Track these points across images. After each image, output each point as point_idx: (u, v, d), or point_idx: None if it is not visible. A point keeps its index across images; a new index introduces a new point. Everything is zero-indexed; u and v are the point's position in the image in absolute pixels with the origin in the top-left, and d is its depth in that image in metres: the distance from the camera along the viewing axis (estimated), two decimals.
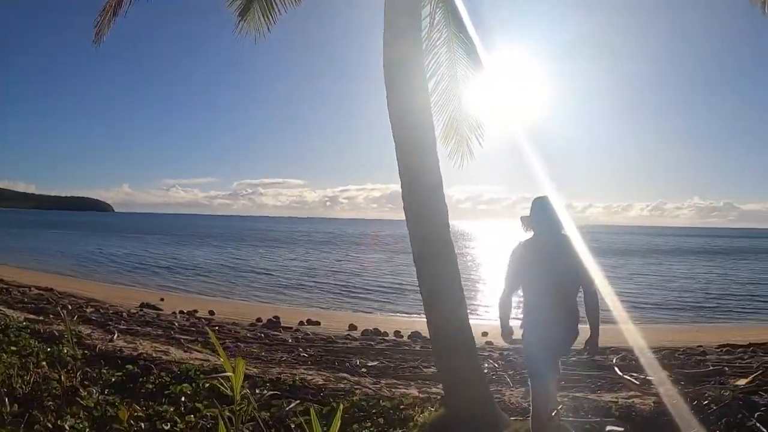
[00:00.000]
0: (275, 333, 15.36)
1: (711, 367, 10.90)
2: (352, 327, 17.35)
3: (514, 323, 5.42)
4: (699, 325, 22.92)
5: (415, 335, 15.36)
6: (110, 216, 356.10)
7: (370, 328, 16.59)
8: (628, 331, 17.92)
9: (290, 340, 13.87)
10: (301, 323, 18.25)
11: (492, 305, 27.06)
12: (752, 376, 9.76)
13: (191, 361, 9.32)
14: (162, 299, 23.65)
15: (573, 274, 5.12)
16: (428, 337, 7.88)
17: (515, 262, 5.29)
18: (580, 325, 5.52)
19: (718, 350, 14.17)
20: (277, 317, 18.74)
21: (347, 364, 10.64)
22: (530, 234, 5.31)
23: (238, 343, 12.93)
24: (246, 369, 9.47)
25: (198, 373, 7.78)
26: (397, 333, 16.19)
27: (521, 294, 5.28)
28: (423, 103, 6.23)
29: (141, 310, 18.82)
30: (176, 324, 15.83)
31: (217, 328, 15.63)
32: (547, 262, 5.08)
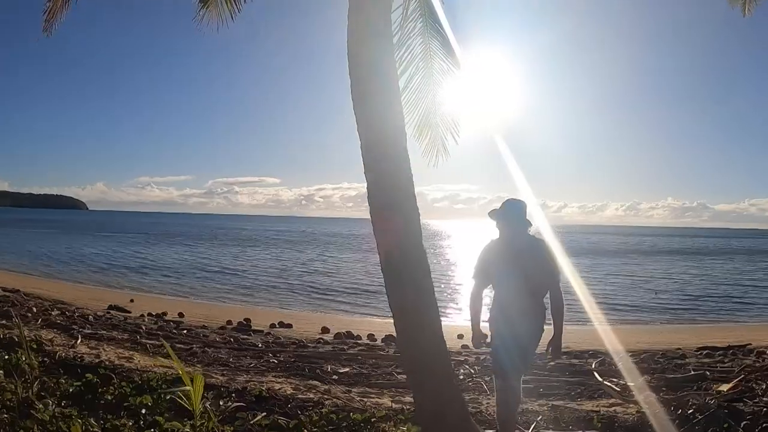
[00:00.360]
0: (245, 337, 14.91)
1: (692, 372, 10.58)
2: (325, 330, 16.94)
3: (485, 327, 5.76)
4: (676, 327, 22.80)
5: (388, 338, 14.96)
6: (84, 214, 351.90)
7: (343, 332, 16.18)
8: (606, 333, 17.78)
9: (260, 345, 13.39)
10: (272, 326, 17.82)
11: (466, 307, 26.89)
12: (734, 381, 9.48)
13: (155, 369, 8.84)
14: (131, 300, 23.13)
15: (540, 275, 5.31)
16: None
17: (484, 259, 5.54)
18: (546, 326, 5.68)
19: (698, 353, 13.93)
20: (248, 320, 18.31)
21: (318, 370, 10.18)
22: (500, 232, 5.51)
23: (206, 348, 12.40)
24: (212, 377, 9.12)
25: (160, 383, 7.31)
26: (370, 336, 15.79)
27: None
28: (394, 103, 5.72)
29: (108, 313, 18.21)
30: (143, 327, 15.25)
31: (185, 331, 15.15)
32: (515, 261, 5.25)
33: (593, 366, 10.92)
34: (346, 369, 10.50)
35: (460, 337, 16.90)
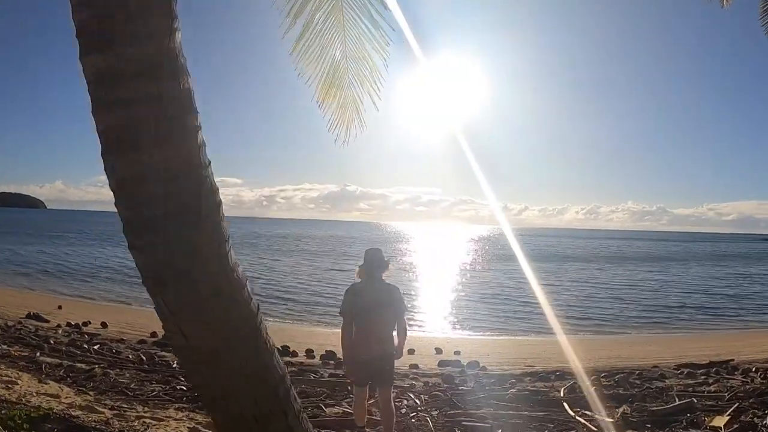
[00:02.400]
0: (163, 353, 12.94)
1: (677, 400, 8.92)
2: None
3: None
4: (647, 337, 21.42)
5: (328, 356, 13.20)
6: (39, 213, 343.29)
7: (278, 347, 14.24)
8: (574, 347, 16.21)
9: (175, 364, 11.45)
10: None
11: (428, 316, 25.34)
12: (729, 412, 7.93)
13: (35, 398, 7.14)
14: (59, 307, 21.29)
15: (390, 311, 6.48)
16: (340, 357, 8.07)
17: (349, 300, 6.46)
18: None
19: (678, 372, 12.33)
20: None
21: None
22: (365, 277, 6.56)
23: (109, 370, 10.44)
24: (96, 410, 7.34)
25: (22, 422, 5.55)
26: (309, 352, 13.98)
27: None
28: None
29: (20, 323, 16.21)
30: (51, 341, 13.30)
31: (97, 346, 13.18)
32: (372, 301, 6.37)
33: (562, 393, 9.21)
34: None
35: (411, 352, 15.19)
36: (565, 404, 8.35)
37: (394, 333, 6.61)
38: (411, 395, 8.83)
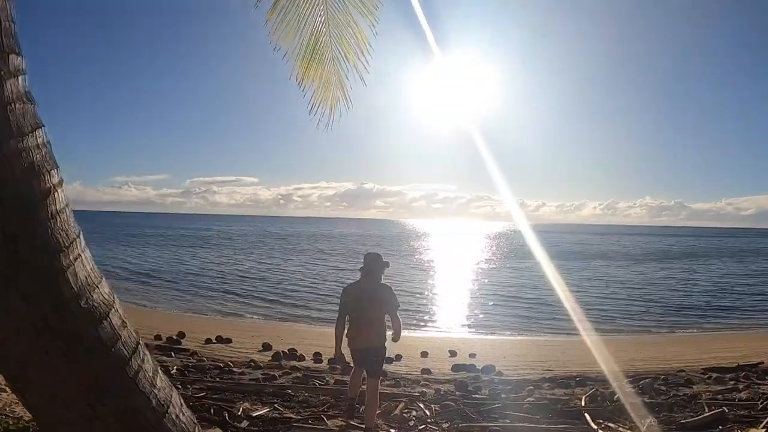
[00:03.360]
0: (164, 358, 12.41)
1: (707, 410, 8.27)
2: (267, 347, 14.60)
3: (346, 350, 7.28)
4: (671, 337, 20.70)
5: (336, 361, 12.60)
6: None
7: (285, 350, 13.77)
8: (595, 349, 15.54)
9: (174, 370, 10.92)
10: (207, 341, 15.40)
11: (443, 316, 24.75)
12: (763, 425, 7.34)
13: (19, 408, 6.72)
14: None
15: (384, 307, 7.14)
16: (350, 363, 7.89)
17: (345, 297, 7.27)
18: None
19: (705, 376, 11.61)
20: (182, 333, 15.90)
21: (226, 412, 7.77)
22: (362, 277, 7.32)
23: None
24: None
25: None
26: (316, 356, 13.39)
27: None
28: None
29: None
30: None
31: None
32: (365, 299, 7.09)
33: (584, 402, 8.57)
34: (265, 409, 8.07)
35: (424, 355, 14.64)
36: (586, 415, 7.73)
37: (389, 330, 7.29)
38: (421, 405, 8.22)
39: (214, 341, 15.47)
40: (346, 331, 7.20)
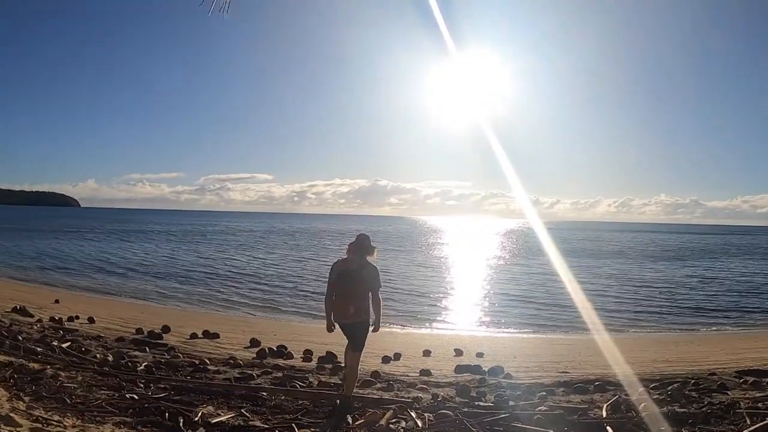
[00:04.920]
0: (137, 353, 11.30)
1: (748, 421, 7.00)
2: (254, 343, 13.39)
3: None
4: (694, 335, 19.34)
5: (326, 359, 11.43)
6: (74, 211, 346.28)
7: (273, 347, 12.54)
8: (615, 348, 14.28)
9: (142, 366, 9.78)
10: (193, 336, 14.30)
11: (451, 311, 23.48)
12: None
13: None
14: (57, 301, 20.34)
15: (364, 284, 7.50)
16: (342, 363, 8.60)
17: (334, 271, 7.67)
18: None
19: (739, 380, 10.26)
20: (166, 327, 14.85)
21: (183, 417, 6.61)
22: (348, 255, 7.67)
23: (60, 372, 8.85)
24: (18, 424, 5.96)
25: None
26: (306, 353, 12.16)
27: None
28: None
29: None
30: (20, 337, 11.94)
31: (68, 344, 11.63)
32: (350, 275, 7.49)
33: (605, 413, 7.30)
34: (229, 415, 6.89)
35: (427, 354, 13.38)
36: (609, 429, 6.48)
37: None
38: (412, 414, 6.96)
39: (201, 336, 14.39)
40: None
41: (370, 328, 7.62)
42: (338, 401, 7.51)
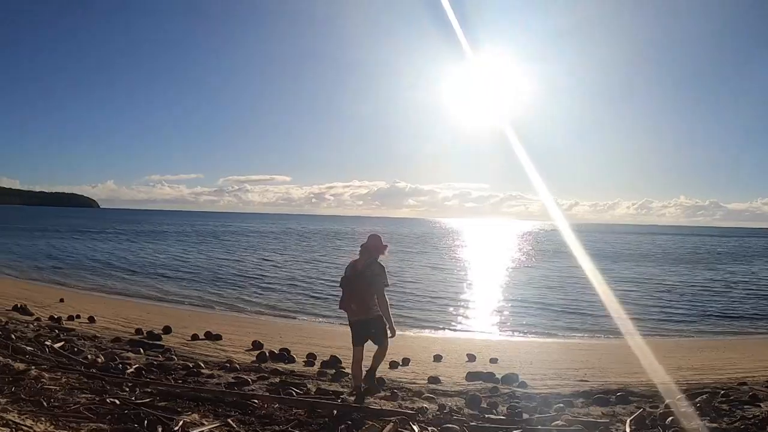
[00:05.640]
0: (130, 354, 10.77)
1: None
2: (256, 345, 12.82)
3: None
4: (719, 341, 18.48)
5: (331, 362, 10.82)
6: (93, 212, 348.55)
7: (275, 350, 11.94)
8: (638, 352, 13.56)
9: (132, 368, 9.21)
10: (194, 337, 13.77)
11: (465, 314, 22.77)
12: None
13: None
14: (61, 300, 20.01)
15: (369, 283, 7.67)
16: (348, 371, 8.87)
17: (345, 275, 7.90)
18: None
19: None
20: (167, 328, 14.42)
21: (163, 426, 6.03)
22: (360, 254, 7.90)
23: (44, 373, 8.37)
24: None
25: None
26: (309, 357, 11.54)
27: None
28: None
29: None
30: (13, 336, 11.67)
31: (60, 343, 11.21)
32: (356, 274, 7.77)
33: (628, 428, 6.61)
34: (213, 425, 6.29)
35: (437, 359, 12.72)
36: None
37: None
38: (415, 428, 6.30)
39: (202, 337, 13.84)
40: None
41: (389, 333, 7.78)
42: (335, 411, 6.89)
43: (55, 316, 15.40)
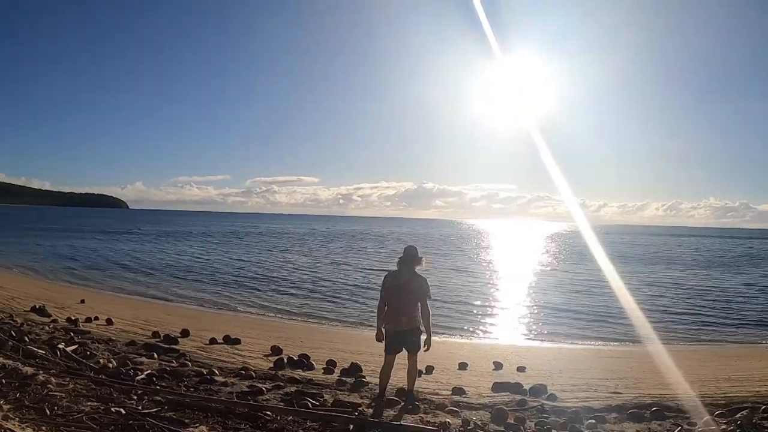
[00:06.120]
0: (143, 359, 10.44)
1: None
2: (275, 351, 12.40)
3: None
4: (754, 349, 17.84)
5: (351, 370, 10.41)
6: (122, 213, 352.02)
7: (294, 356, 11.54)
8: (669, 364, 12.97)
9: (143, 375, 8.88)
10: (212, 341, 13.40)
11: (492, 320, 22.21)
12: None
13: None
14: (82, 301, 19.73)
15: (415, 296, 7.86)
16: (366, 378, 9.26)
17: (385, 284, 8.04)
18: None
19: None
20: (185, 331, 14.18)
21: None
22: (398, 266, 8.06)
23: (52, 378, 8.09)
24: None
25: None
26: (329, 364, 11.09)
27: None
28: None
29: (10, 317, 14.36)
30: (27, 338, 11.36)
31: (73, 347, 10.92)
32: (401, 286, 7.87)
33: None
34: None
35: (462, 367, 12.23)
36: None
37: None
38: None
39: (221, 341, 13.46)
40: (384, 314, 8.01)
41: (422, 347, 7.96)
42: (351, 426, 6.49)
43: (73, 318, 15.15)
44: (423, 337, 7.98)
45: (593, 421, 7.31)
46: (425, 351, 8.00)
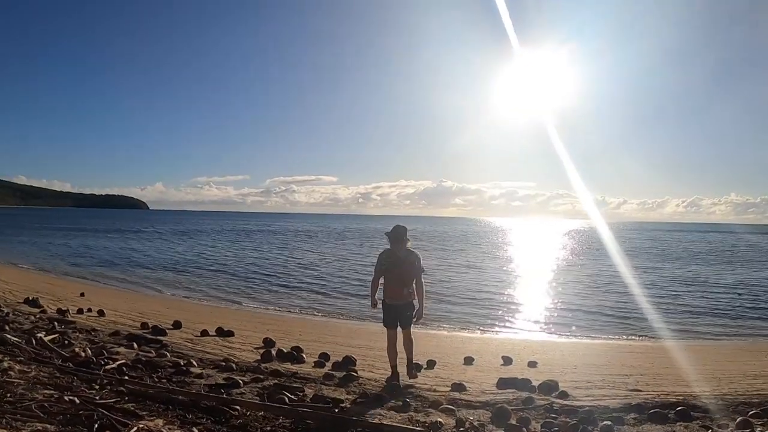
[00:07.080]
0: (122, 349, 9.78)
1: None
2: (268, 343, 11.62)
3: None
4: None
5: (341, 365, 9.60)
6: (141, 214, 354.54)
7: (286, 348, 10.75)
8: (693, 359, 12.07)
9: (115, 364, 8.14)
10: (203, 333, 12.69)
11: (504, 313, 21.28)
12: None
13: None
14: (82, 294, 19.30)
15: (409, 271, 8.16)
16: (357, 373, 8.84)
17: (380, 261, 8.28)
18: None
19: None
20: (177, 323, 13.47)
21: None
22: (390, 245, 8.27)
23: (15, 366, 7.58)
24: None
25: None
26: (322, 357, 10.30)
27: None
28: None
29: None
30: (8, 326, 10.94)
31: (54, 336, 10.32)
32: (395, 263, 8.15)
33: None
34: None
35: (468, 361, 11.37)
36: None
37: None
38: None
39: (213, 333, 12.73)
40: (381, 287, 8.30)
41: (413, 318, 8.24)
42: (326, 424, 5.65)
43: (62, 309, 14.55)
44: (414, 319, 8.28)
45: (609, 422, 6.33)
46: (415, 322, 8.32)
